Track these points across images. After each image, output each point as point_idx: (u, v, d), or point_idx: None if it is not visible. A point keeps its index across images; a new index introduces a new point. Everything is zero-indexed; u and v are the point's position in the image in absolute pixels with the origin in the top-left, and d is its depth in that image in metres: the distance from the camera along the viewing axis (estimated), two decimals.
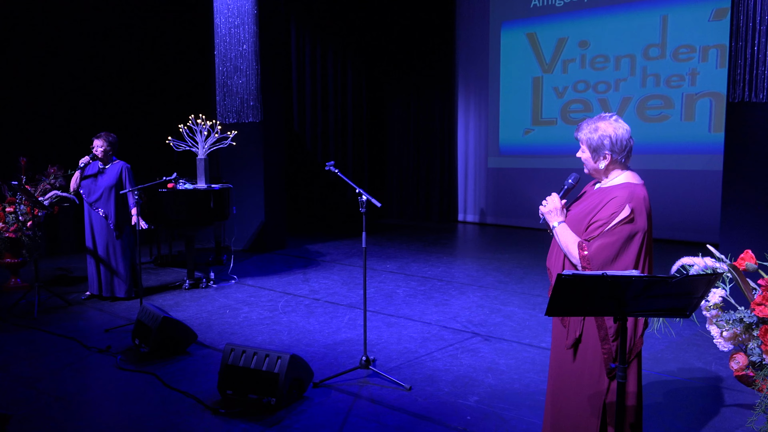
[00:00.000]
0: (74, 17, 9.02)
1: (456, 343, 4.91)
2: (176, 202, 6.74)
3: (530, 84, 11.06)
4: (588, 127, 2.65)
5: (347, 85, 12.59)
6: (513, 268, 7.78)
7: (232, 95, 9.07)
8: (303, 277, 7.39)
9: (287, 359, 3.72)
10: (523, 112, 11.20)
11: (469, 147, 12.13)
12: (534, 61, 10.98)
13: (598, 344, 2.57)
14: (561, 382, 2.70)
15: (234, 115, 9.00)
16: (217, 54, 9.03)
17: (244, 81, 8.91)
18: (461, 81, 12.11)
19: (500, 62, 11.41)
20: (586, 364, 2.60)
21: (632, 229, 2.48)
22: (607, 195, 2.57)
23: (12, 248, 6.67)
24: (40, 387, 4.11)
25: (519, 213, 11.20)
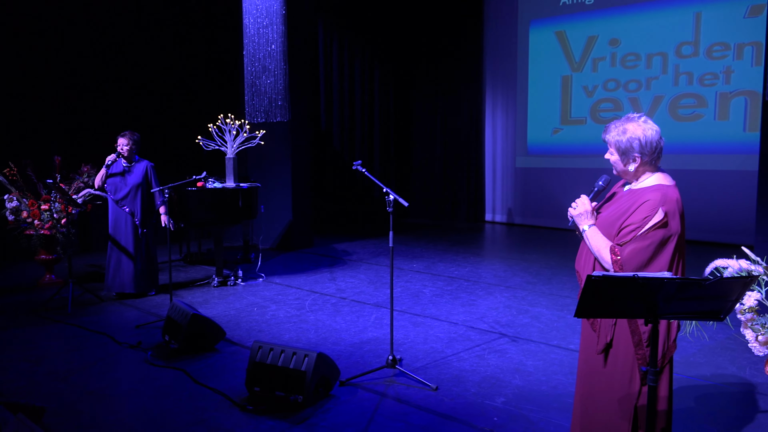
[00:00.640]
0: (106, 19, 9.19)
1: (483, 344, 4.88)
2: (205, 200, 6.83)
3: (559, 83, 10.94)
4: (616, 129, 2.59)
5: (374, 85, 12.61)
6: (541, 268, 7.71)
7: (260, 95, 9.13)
8: (330, 276, 7.42)
9: (314, 357, 3.74)
10: (551, 112, 11.08)
11: (496, 146, 12.05)
12: (563, 60, 10.85)
13: (630, 349, 2.52)
14: (591, 386, 2.66)
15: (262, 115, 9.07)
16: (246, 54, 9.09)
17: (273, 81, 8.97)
18: (489, 80, 12.03)
19: (528, 61, 11.31)
20: (617, 368, 2.56)
21: (666, 233, 2.43)
22: (639, 198, 2.51)
23: (47, 245, 6.83)
24: (73, 381, 4.19)
25: (547, 213, 11.09)
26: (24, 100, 8.43)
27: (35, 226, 6.71)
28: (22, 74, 8.42)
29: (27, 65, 8.46)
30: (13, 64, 8.34)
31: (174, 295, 6.14)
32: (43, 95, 8.62)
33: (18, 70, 8.38)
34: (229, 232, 9.67)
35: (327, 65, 11.76)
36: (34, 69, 8.54)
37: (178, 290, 6.71)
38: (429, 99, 12.77)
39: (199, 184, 6.90)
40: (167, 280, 6.37)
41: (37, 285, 6.93)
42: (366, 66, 12.41)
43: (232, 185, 7.11)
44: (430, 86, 12.71)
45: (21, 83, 8.40)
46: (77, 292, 6.32)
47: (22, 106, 8.42)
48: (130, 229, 6.27)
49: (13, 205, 6.66)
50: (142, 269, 6.35)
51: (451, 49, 12.22)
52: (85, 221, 8.87)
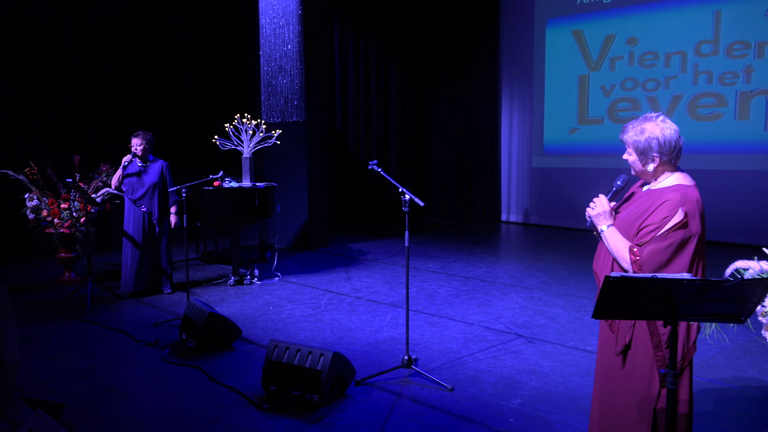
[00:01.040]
0: (125, 18, 9.28)
1: (499, 345, 4.86)
2: (222, 199, 6.87)
3: (576, 82, 10.86)
4: (634, 129, 2.56)
5: (390, 84, 12.61)
6: (558, 269, 7.66)
7: (276, 95, 9.18)
8: (345, 276, 7.43)
9: (330, 357, 3.75)
10: (568, 111, 11.01)
11: (512, 146, 11.99)
12: (580, 59, 10.78)
13: (649, 350, 2.50)
14: (609, 388, 2.64)
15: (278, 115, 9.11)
16: (262, 54, 9.14)
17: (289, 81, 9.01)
18: (505, 79, 11.98)
19: (545, 60, 11.24)
20: (635, 370, 2.54)
21: (686, 234, 2.40)
22: (659, 198, 2.48)
23: (66, 243, 6.92)
24: (92, 378, 4.24)
25: (564, 213, 11.01)
26: (44, 100, 8.54)
27: (55, 224, 6.79)
28: (41, 74, 8.52)
29: (46, 65, 8.57)
30: (33, 64, 8.44)
31: (191, 294, 6.18)
32: (63, 95, 8.72)
33: (37, 70, 8.48)
34: (246, 232, 9.72)
35: (343, 65, 11.78)
36: (53, 69, 8.64)
37: (194, 289, 6.76)
38: (445, 98, 12.74)
39: (215, 183, 6.94)
40: (184, 279, 6.42)
41: (56, 283, 7.02)
42: (381, 65, 12.41)
43: (249, 185, 7.15)
44: (446, 85, 12.68)
45: (40, 83, 8.51)
46: (96, 290, 6.39)
47: (42, 106, 8.52)
48: (147, 228, 6.34)
49: (34, 204, 6.75)
50: (158, 267, 6.41)
51: (468, 48, 12.19)
52: (104, 220, 8.96)
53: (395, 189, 12.21)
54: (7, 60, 8.19)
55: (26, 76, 8.37)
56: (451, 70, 12.52)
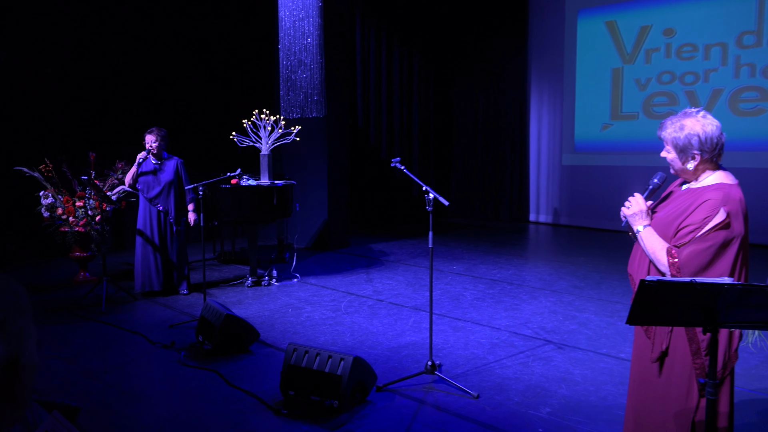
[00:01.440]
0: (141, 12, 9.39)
1: (527, 351, 4.83)
2: (239, 198, 6.92)
3: (609, 75, 10.75)
4: (673, 126, 2.52)
5: (413, 79, 12.60)
6: (589, 272, 7.59)
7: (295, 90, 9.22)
8: (366, 277, 7.44)
9: (350, 361, 3.76)
10: (601, 106, 10.90)
11: (542, 143, 11.91)
12: (614, 51, 10.66)
13: (687, 358, 2.46)
14: (644, 398, 2.60)
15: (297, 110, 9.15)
16: (282, 48, 9.19)
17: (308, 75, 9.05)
18: (534, 73, 11.90)
19: (576, 52, 11.14)
20: (673, 379, 2.50)
21: (728, 235, 2.36)
22: (699, 197, 2.44)
23: (81, 242, 7.03)
24: (107, 380, 4.30)
25: (596, 214, 10.91)
26: (59, 95, 8.68)
27: (70, 223, 6.90)
28: (56, 69, 8.66)
29: (61, 60, 8.71)
30: (48, 59, 8.58)
31: (207, 295, 6.24)
32: (78, 90, 8.86)
33: (52, 65, 8.63)
34: (264, 231, 9.79)
35: (364, 58, 11.80)
36: (69, 63, 8.78)
37: (211, 289, 6.82)
38: (470, 93, 12.70)
39: (233, 181, 6.99)
40: (201, 279, 6.49)
41: (71, 282, 7.14)
42: (405, 59, 12.40)
43: (267, 182, 7.20)
44: (472, 80, 12.63)
45: (55, 79, 8.65)
46: (111, 290, 6.49)
47: (57, 102, 8.66)
48: (163, 227, 6.41)
49: (49, 202, 6.87)
50: (173, 267, 6.49)
51: (494, 40, 12.13)
52: (119, 218, 9.08)
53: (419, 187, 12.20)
54: (23, 55, 8.34)
55: (41, 71, 8.52)
56: (477, 64, 12.47)
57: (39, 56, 8.50)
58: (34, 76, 8.46)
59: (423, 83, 12.76)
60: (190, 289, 6.66)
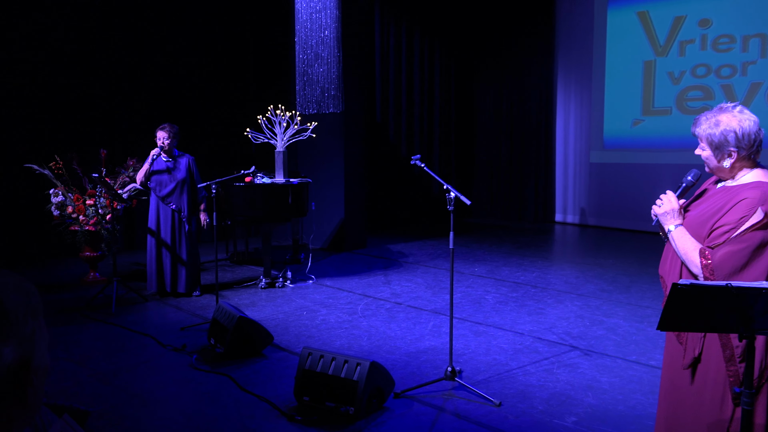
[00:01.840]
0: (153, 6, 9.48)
1: (552, 357, 4.81)
2: (253, 196, 6.96)
3: (641, 69, 10.65)
4: (707, 122, 2.49)
5: (434, 73, 12.58)
6: (617, 275, 7.53)
7: (312, 84, 9.24)
8: (384, 279, 7.45)
9: (367, 366, 3.76)
10: (632, 101, 10.81)
11: (569, 139, 11.84)
12: (645, 43, 10.56)
13: (722, 365, 2.42)
14: (675, 407, 2.57)
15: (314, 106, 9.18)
16: (298, 41, 9.22)
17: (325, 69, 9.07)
18: (561, 66, 11.83)
19: (606, 45, 11.06)
20: (706, 387, 2.46)
21: (765, 236, 2.32)
22: (735, 196, 2.41)
23: (91, 241, 7.11)
24: (117, 383, 4.35)
25: (625, 214, 10.83)
26: (70, 91, 8.79)
27: (80, 221, 6.99)
28: (66, 65, 8.77)
29: (71, 55, 8.81)
30: (58, 55, 8.69)
31: (220, 297, 6.29)
32: (89, 86, 8.96)
33: (63, 60, 8.74)
34: (278, 231, 9.84)
35: (383, 52, 11.80)
36: (79, 59, 8.88)
37: (224, 291, 6.87)
38: (494, 88, 12.65)
39: (247, 179, 7.04)
40: (213, 281, 6.54)
41: (81, 283, 7.23)
42: (426, 52, 12.39)
43: (282, 180, 7.23)
44: (496, 74, 12.59)
45: (66, 75, 8.76)
46: (121, 291, 6.56)
47: (68, 98, 8.77)
48: (175, 227, 6.46)
49: (59, 200, 6.96)
50: (186, 268, 6.54)
51: (519, 32, 12.07)
52: (130, 217, 9.19)
53: (439, 186, 12.18)
54: (32, 50, 8.45)
55: (52, 66, 8.63)
56: (502, 57, 12.42)
57: (49, 51, 8.61)
58: (45, 71, 8.57)
59: (444, 78, 12.74)
60: (202, 291, 6.72)
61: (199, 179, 6.55)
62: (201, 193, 6.56)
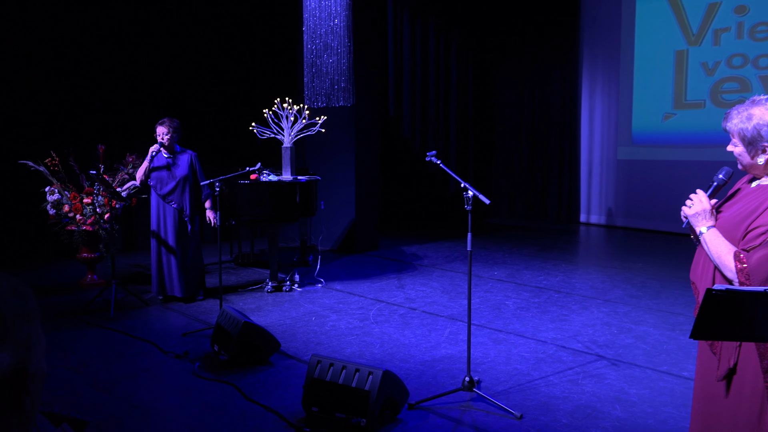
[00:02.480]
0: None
1: (576, 367, 4.80)
2: (259, 195, 6.99)
3: (672, 59, 10.59)
4: (739, 116, 2.48)
5: (451, 64, 12.57)
6: (647, 279, 7.50)
7: (321, 76, 9.27)
8: (397, 283, 7.46)
9: (379, 376, 3.77)
10: (662, 94, 10.75)
11: (594, 135, 11.80)
12: (677, 32, 10.50)
13: (759, 376, 2.41)
14: (709, 422, 2.56)
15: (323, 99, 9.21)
16: (306, 30, 9.25)
17: (335, 60, 9.09)
18: (586, 57, 11.79)
19: (635, 33, 11.01)
20: (742, 400, 2.45)
21: None
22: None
23: (89, 242, 7.17)
24: (116, 392, 4.39)
25: (655, 214, 10.78)
26: (66, 84, 8.85)
27: (77, 221, 7.05)
28: (62, 57, 8.84)
29: (67, 46, 8.88)
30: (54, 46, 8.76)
31: (224, 301, 6.32)
32: (86, 78, 9.02)
33: (58, 52, 8.80)
34: (285, 231, 9.88)
35: (397, 42, 11.81)
36: (76, 50, 8.94)
37: (228, 295, 6.91)
38: (514, 80, 12.63)
39: (252, 176, 7.07)
40: (217, 284, 6.57)
41: (78, 285, 7.29)
42: (441, 43, 12.38)
43: (289, 178, 7.26)
44: (516, 65, 12.56)
45: (62, 67, 8.83)
46: (120, 295, 6.61)
47: (64, 91, 8.84)
48: (177, 227, 6.49)
49: (55, 198, 7.02)
50: (189, 271, 6.57)
51: (542, 20, 12.04)
52: (130, 217, 9.26)
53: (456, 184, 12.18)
54: (27, 43, 8.53)
55: (47, 58, 8.70)
56: (523, 46, 12.39)
57: (44, 40, 8.68)
58: (40, 63, 8.65)
59: (462, 69, 12.73)
60: (205, 295, 6.76)
61: (203, 176, 6.58)
62: (205, 190, 6.59)
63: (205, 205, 6.64)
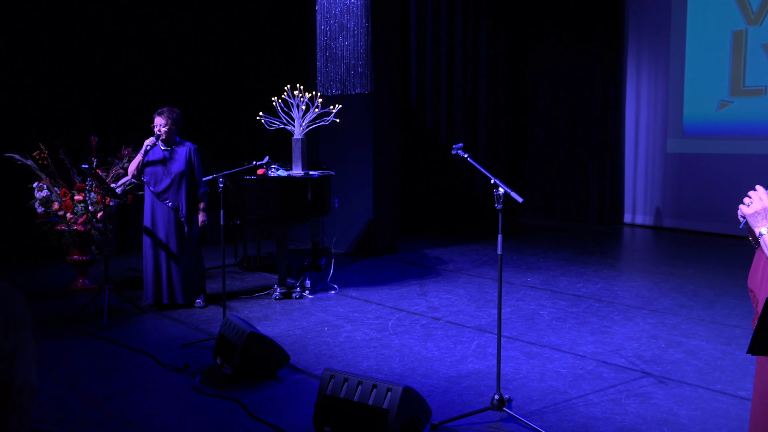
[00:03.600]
0: None
1: (619, 385, 4.77)
2: (266, 192, 7.01)
3: (729, 41, 10.50)
4: None
5: (480, 47, 12.53)
6: (699, 287, 7.45)
7: (335, 60, 9.28)
8: (419, 290, 7.46)
9: (399, 392, 3.76)
10: (717, 80, 10.67)
11: (640, 126, 11.73)
12: (735, 10, 10.41)
13: None
14: None
15: (338, 85, 9.22)
16: (319, 9, 9.27)
17: (351, 42, 9.10)
18: (632, 40, 11.72)
19: (687, 12, 10.93)
20: None
21: None
22: None
23: (80, 243, 7.21)
24: (109, 408, 4.43)
25: (708, 214, 10.70)
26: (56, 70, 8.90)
27: (67, 220, 7.10)
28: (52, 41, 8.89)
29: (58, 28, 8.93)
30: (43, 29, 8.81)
31: (227, 308, 6.35)
32: (78, 64, 9.06)
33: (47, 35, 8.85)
34: (295, 232, 9.91)
35: (420, 23, 11.79)
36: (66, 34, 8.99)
37: (232, 302, 6.94)
38: (551, 65, 12.58)
39: (259, 171, 7.09)
40: (219, 290, 6.60)
41: (68, 291, 7.35)
42: (470, 23, 12.34)
43: (300, 173, 7.28)
44: (553, 48, 12.51)
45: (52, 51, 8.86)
46: (114, 301, 6.65)
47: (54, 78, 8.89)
48: (174, 227, 6.51)
49: (44, 195, 7.06)
50: (187, 275, 6.60)
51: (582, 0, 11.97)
52: (125, 216, 9.31)
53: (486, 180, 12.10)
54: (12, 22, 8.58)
55: (35, 42, 8.76)
56: (560, 28, 12.34)
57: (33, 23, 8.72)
58: (27, 46, 8.71)
59: (492, 53, 12.69)
60: (206, 302, 6.79)
61: (201, 172, 6.56)
62: (201, 188, 6.55)
63: (200, 205, 6.59)
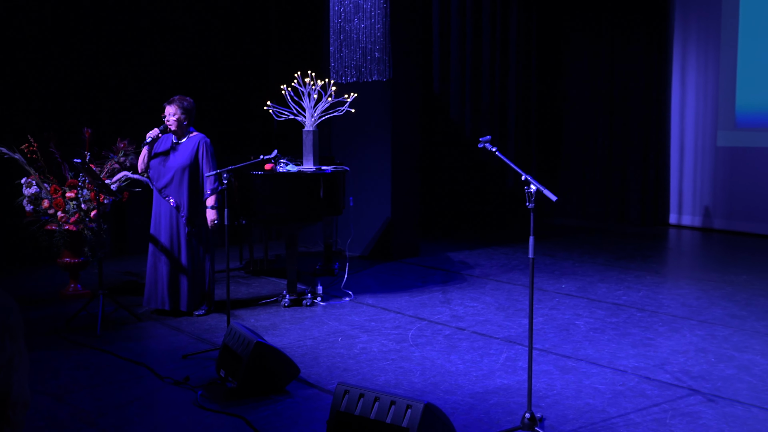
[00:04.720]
0: None
1: (664, 403, 4.74)
2: (275, 188, 7.02)
3: None
4: None
5: (509, 31, 12.49)
6: (754, 296, 7.39)
7: (351, 45, 9.28)
8: (442, 297, 7.44)
9: (420, 410, 3.75)
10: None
11: (687, 118, 11.67)
12: None
13: None
14: None
15: (353, 72, 9.22)
16: None
17: (368, 25, 9.09)
18: (678, 21, 11.66)
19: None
20: None
21: None
22: None
23: (72, 244, 7.24)
24: (103, 425, 4.45)
25: (763, 214, 10.65)
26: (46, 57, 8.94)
27: (58, 219, 7.13)
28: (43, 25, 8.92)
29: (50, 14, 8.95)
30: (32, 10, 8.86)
31: (232, 317, 6.36)
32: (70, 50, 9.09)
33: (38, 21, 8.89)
34: (306, 233, 9.92)
35: (444, 5, 11.77)
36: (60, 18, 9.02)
37: (237, 310, 6.95)
38: (587, 52, 12.53)
39: (267, 166, 7.09)
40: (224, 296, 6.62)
41: (58, 296, 7.39)
42: (498, 7, 12.30)
43: (312, 168, 7.28)
44: (590, 34, 12.47)
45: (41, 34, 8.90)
46: (109, 308, 6.68)
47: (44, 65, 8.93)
48: (177, 227, 6.53)
49: (32, 192, 7.10)
50: (191, 281, 6.61)
51: None
52: (121, 214, 9.35)
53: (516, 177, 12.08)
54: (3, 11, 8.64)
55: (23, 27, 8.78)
56: (599, 14, 12.28)
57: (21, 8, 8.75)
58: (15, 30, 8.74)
59: (523, 37, 12.64)
60: (209, 309, 6.80)
61: (210, 167, 6.49)
62: (209, 185, 6.49)
63: (207, 202, 6.52)
